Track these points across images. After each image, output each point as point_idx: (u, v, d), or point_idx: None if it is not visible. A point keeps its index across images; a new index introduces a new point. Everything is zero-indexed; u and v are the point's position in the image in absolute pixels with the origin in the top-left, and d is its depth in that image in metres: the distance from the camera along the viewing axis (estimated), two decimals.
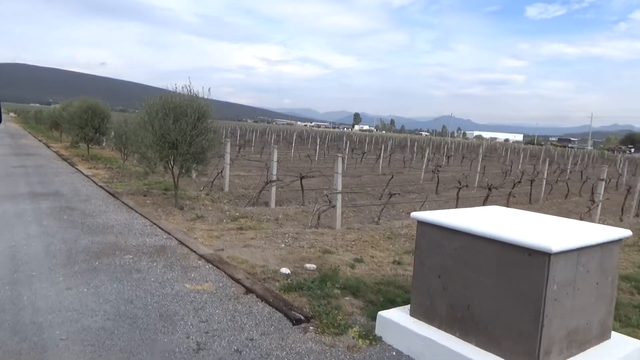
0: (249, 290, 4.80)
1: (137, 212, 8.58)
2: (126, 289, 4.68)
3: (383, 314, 4.03)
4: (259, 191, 10.93)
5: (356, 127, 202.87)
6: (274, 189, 11.06)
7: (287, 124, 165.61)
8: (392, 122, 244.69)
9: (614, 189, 20.55)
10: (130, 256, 5.78)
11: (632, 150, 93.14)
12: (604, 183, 11.13)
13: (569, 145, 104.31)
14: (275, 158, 11.00)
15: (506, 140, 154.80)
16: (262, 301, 4.56)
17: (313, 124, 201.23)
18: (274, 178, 10.95)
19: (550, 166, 29.81)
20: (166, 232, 7.16)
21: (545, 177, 15.42)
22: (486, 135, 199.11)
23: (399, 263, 6.23)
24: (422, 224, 3.86)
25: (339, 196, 8.99)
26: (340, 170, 9.00)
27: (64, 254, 5.70)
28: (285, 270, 5.45)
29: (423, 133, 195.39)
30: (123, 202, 9.44)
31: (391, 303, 4.60)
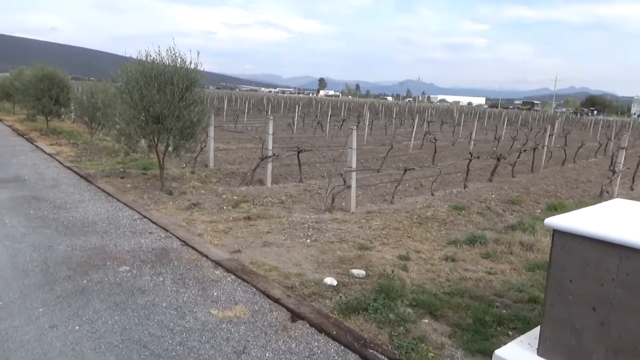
0: (295, 315, 3.67)
1: (119, 200, 7.20)
2: (133, 324, 3.47)
3: (501, 354, 2.99)
4: (254, 168, 9.66)
5: (321, 92, 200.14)
6: (270, 166, 9.82)
7: (251, 90, 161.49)
8: (358, 86, 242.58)
9: (602, 153, 20.25)
10: (127, 267, 4.52)
11: (595, 112, 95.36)
12: (624, 152, 10.41)
13: (534, 108, 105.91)
14: (270, 131, 9.71)
15: (469, 103, 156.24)
16: (319, 332, 3.44)
17: (278, 89, 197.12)
18: (270, 153, 9.69)
19: (531, 131, 29.48)
20: (162, 227, 5.88)
21: (546, 144, 14.72)
22: (449, 99, 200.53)
23: (452, 260, 5.21)
24: (563, 235, 2.79)
25: (354, 175, 7.86)
26: (354, 144, 7.84)
27: (38, 269, 4.38)
28: (330, 280, 4.33)
29: (388, 97, 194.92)
30: (99, 188, 8.00)
31: (483, 325, 3.58)
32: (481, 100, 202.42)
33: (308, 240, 5.63)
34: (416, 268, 4.88)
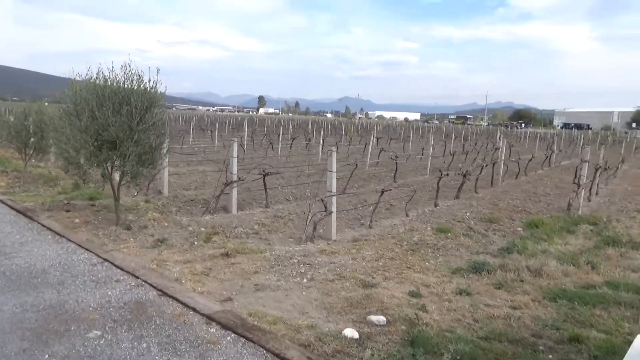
0: None
1: (70, 240, 6.17)
2: None
3: None
4: (218, 195, 8.85)
5: (261, 110, 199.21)
6: (235, 192, 9.06)
7: (189, 108, 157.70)
8: (297, 104, 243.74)
9: (547, 165, 20.99)
10: (98, 332, 3.64)
11: (523, 125, 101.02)
12: (587, 165, 10.57)
13: (467, 122, 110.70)
14: (235, 154, 8.97)
15: (406, 119, 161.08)
16: None
17: (216, 108, 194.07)
18: (236, 178, 8.94)
19: (474, 145, 30.30)
20: (129, 273, 4.99)
21: (502, 158, 14.90)
22: (386, 114, 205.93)
23: (467, 293, 4.74)
24: None
25: (334, 200, 7.29)
26: (334, 167, 7.29)
27: None
28: (350, 331, 3.69)
29: (327, 114, 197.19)
30: (43, 225, 6.89)
31: None
32: (417, 116, 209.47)
33: (304, 280, 4.96)
34: (435, 307, 4.35)
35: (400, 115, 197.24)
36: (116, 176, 7.14)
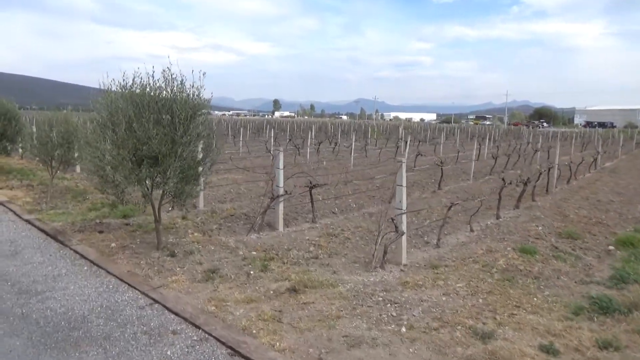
0: None
1: (110, 273, 5.32)
2: None
3: None
4: (264, 211, 7.97)
5: (277, 113, 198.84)
6: (281, 206, 8.17)
7: (207, 113, 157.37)
8: (312, 107, 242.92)
9: (593, 167, 19.71)
10: None
11: (545, 124, 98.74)
12: None
13: (486, 122, 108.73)
14: (281, 164, 8.08)
15: (422, 119, 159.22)
16: None
17: (231, 112, 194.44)
18: (282, 191, 8.05)
19: (509, 146, 28.98)
20: (187, 320, 4.09)
21: (557, 162, 13.76)
22: (402, 115, 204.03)
23: (614, 347, 3.74)
24: None
25: (404, 218, 6.34)
26: (404, 181, 6.33)
27: None
28: None
29: (343, 116, 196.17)
30: (77, 252, 6.06)
31: None
32: (432, 116, 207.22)
33: (402, 329, 4.00)
34: None
35: (416, 116, 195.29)
36: (157, 195, 6.28)
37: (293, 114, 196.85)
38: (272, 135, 24.31)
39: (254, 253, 6.42)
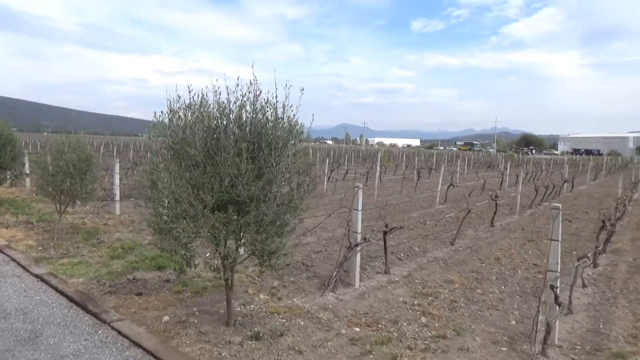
0: None
1: None
2: None
3: None
4: (341, 263, 6.35)
5: None
6: (358, 257, 6.59)
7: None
8: None
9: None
10: None
11: (534, 151, 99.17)
12: None
13: (474, 149, 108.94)
14: (359, 204, 6.50)
15: (408, 145, 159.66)
16: None
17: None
18: (360, 239, 6.46)
19: (526, 174, 27.81)
20: None
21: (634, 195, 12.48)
22: (386, 141, 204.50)
23: None
24: None
25: (559, 282, 4.80)
26: (559, 233, 4.81)
27: None
28: None
29: (328, 141, 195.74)
30: (121, 333, 4.33)
31: None
32: (416, 142, 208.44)
33: None
34: None
35: (400, 142, 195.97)
36: (232, 253, 4.62)
37: None
38: None
39: (357, 329, 4.80)
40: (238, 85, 4.34)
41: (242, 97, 4.33)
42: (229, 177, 3.99)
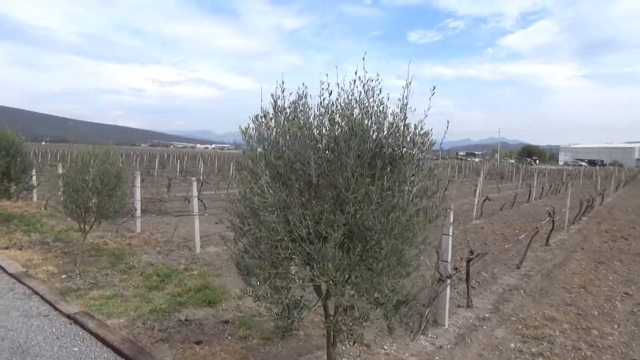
0: None
1: None
2: None
3: None
4: (433, 298, 5.31)
5: None
6: (448, 291, 5.56)
7: (190, 146, 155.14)
8: None
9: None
10: None
11: (537, 161, 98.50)
12: None
13: (476, 159, 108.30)
14: (450, 230, 5.47)
15: None
16: None
17: (213, 145, 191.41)
18: (450, 269, 5.44)
19: (550, 187, 26.84)
20: None
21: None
22: None
23: None
24: None
25: None
26: None
27: None
28: None
29: None
30: None
31: None
32: None
33: None
34: None
35: None
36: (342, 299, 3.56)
37: None
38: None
39: None
40: (362, 77, 3.31)
41: (351, 97, 3.32)
42: (354, 203, 2.96)
